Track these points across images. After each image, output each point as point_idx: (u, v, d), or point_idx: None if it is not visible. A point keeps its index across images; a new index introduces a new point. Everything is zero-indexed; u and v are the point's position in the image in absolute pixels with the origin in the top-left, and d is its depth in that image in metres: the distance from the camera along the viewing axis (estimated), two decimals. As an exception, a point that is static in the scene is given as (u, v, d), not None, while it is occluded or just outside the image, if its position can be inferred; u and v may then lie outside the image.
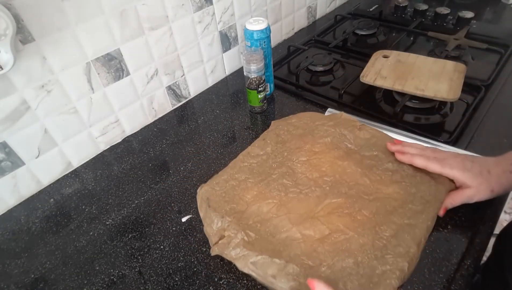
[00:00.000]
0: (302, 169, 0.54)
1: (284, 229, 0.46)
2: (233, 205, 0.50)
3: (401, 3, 1.04)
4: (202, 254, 0.49)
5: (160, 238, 0.52)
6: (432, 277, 0.43)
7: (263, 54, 0.68)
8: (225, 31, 0.80)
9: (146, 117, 0.73)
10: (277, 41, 0.98)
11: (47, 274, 0.49)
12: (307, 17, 1.06)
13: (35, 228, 0.56)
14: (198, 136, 0.69)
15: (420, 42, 0.91)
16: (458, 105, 0.67)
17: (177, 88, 0.76)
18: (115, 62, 0.63)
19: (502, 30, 0.89)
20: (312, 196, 0.50)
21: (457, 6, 1.01)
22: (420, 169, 0.51)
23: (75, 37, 0.55)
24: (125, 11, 0.60)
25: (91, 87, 0.61)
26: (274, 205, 0.50)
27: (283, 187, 0.52)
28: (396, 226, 0.45)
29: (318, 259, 0.42)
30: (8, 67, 0.46)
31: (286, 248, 0.44)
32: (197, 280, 0.46)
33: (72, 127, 0.62)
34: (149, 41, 0.66)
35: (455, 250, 0.45)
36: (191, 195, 0.57)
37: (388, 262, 0.41)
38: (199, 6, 0.71)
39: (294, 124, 0.64)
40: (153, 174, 0.62)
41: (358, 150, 0.56)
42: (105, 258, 0.50)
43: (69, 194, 0.61)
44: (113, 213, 0.56)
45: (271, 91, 0.78)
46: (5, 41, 0.44)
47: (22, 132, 0.56)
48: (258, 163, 0.57)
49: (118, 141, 0.70)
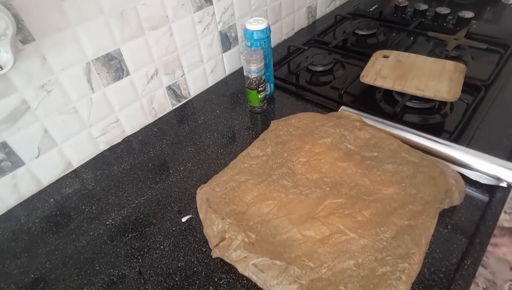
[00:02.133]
0: (302, 170, 0.54)
1: (284, 230, 0.46)
2: (233, 207, 0.50)
3: (401, 3, 1.04)
4: (202, 254, 0.49)
5: (160, 238, 0.52)
6: (432, 277, 0.43)
7: (263, 54, 0.68)
8: (225, 31, 0.80)
9: (146, 117, 0.73)
10: (277, 41, 0.98)
11: (47, 274, 0.49)
12: (307, 17, 1.06)
13: (35, 228, 0.56)
14: (198, 136, 0.69)
15: (420, 42, 0.91)
16: (458, 105, 0.67)
17: (177, 88, 0.76)
18: (115, 62, 0.63)
19: (502, 30, 0.89)
20: (312, 197, 0.50)
21: (457, 6, 1.01)
22: (420, 170, 0.51)
23: (75, 37, 0.55)
24: (125, 11, 0.60)
25: (91, 87, 0.61)
26: (274, 206, 0.50)
27: (283, 188, 0.52)
28: (396, 227, 0.45)
29: (319, 261, 0.42)
30: (8, 67, 0.46)
31: (286, 249, 0.44)
32: (197, 280, 0.46)
33: (72, 127, 0.62)
34: (149, 41, 0.66)
35: (455, 250, 0.46)
36: (191, 195, 0.57)
37: (389, 264, 0.41)
38: (199, 6, 0.71)
39: (294, 124, 0.63)
40: (153, 174, 0.62)
41: (358, 151, 0.56)
42: (105, 258, 0.50)
43: (69, 194, 0.61)
44: (113, 213, 0.56)
45: (271, 91, 0.78)
46: (5, 41, 0.44)
47: (22, 132, 0.56)
48: (258, 164, 0.57)
49: (118, 141, 0.70)
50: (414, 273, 0.41)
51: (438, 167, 0.52)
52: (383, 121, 0.62)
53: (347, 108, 0.66)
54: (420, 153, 0.55)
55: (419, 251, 0.43)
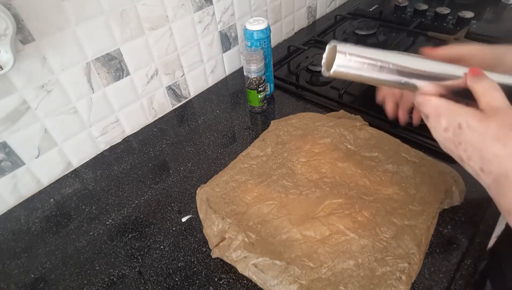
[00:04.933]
0: (302, 170, 0.54)
1: (284, 230, 0.46)
2: (233, 207, 0.50)
3: (401, 3, 1.04)
4: (202, 254, 0.49)
5: (160, 238, 0.52)
6: (432, 277, 0.43)
7: (263, 54, 0.68)
8: (225, 31, 0.80)
9: (146, 117, 0.73)
10: (277, 41, 0.98)
11: (47, 274, 0.49)
12: (307, 17, 1.06)
13: (35, 228, 0.56)
14: (198, 136, 0.69)
15: (420, 42, 0.91)
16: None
17: (177, 88, 0.76)
18: (115, 62, 0.63)
19: (502, 30, 0.89)
20: (312, 197, 0.50)
21: (457, 6, 1.01)
22: (420, 170, 0.51)
23: (75, 37, 0.55)
24: (125, 11, 0.60)
25: (91, 87, 0.61)
26: (274, 206, 0.50)
27: (283, 188, 0.52)
28: (396, 227, 0.45)
29: (319, 261, 0.42)
30: (8, 67, 0.46)
31: (286, 249, 0.44)
32: (197, 280, 0.46)
33: (72, 127, 0.62)
34: (149, 41, 0.66)
35: (455, 250, 0.46)
36: (191, 195, 0.57)
37: (389, 264, 0.41)
38: (199, 6, 0.71)
39: (294, 124, 0.64)
40: (153, 174, 0.62)
41: (358, 151, 0.56)
42: (105, 258, 0.50)
43: (69, 194, 0.61)
44: (113, 213, 0.56)
45: (271, 91, 0.78)
46: (5, 41, 0.44)
47: (22, 132, 0.56)
48: (258, 165, 0.57)
49: (118, 141, 0.70)
50: (414, 273, 0.41)
51: (438, 167, 0.52)
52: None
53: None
54: (420, 153, 0.55)
55: (419, 251, 0.43)
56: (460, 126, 0.31)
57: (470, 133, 0.30)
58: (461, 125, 0.31)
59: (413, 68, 0.35)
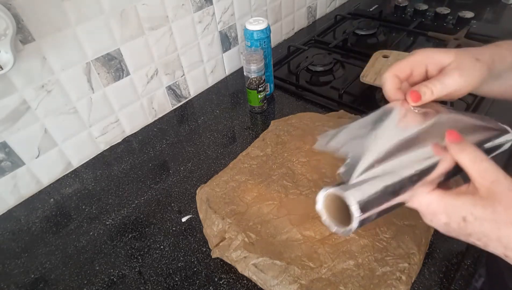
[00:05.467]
0: (302, 170, 0.54)
1: (284, 230, 0.46)
2: (233, 207, 0.50)
3: (401, 3, 1.04)
4: (202, 254, 0.49)
5: (160, 238, 0.52)
6: (432, 277, 0.43)
7: (263, 54, 0.68)
8: (225, 31, 0.80)
9: (146, 117, 0.73)
10: (277, 41, 0.98)
11: (47, 274, 0.49)
12: (307, 17, 1.06)
13: (35, 228, 0.56)
14: (198, 136, 0.69)
15: (420, 42, 0.91)
16: (458, 105, 0.66)
17: (177, 88, 0.76)
18: (115, 62, 0.63)
19: (502, 30, 0.90)
20: (312, 197, 0.50)
21: (457, 6, 1.01)
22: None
23: (75, 37, 0.55)
24: (125, 11, 0.60)
25: (91, 87, 0.61)
26: (274, 206, 0.50)
27: (283, 188, 0.52)
28: (396, 227, 0.45)
29: (319, 261, 0.42)
30: (8, 67, 0.46)
31: (286, 250, 0.44)
32: (197, 280, 0.46)
33: (72, 127, 0.62)
34: (149, 41, 0.66)
35: (455, 250, 0.46)
36: (191, 195, 0.57)
37: (388, 264, 0.41)
38: (199, 6, 0.71)
39: (294, 124, 0.64)
40: (153, 174, 0.62)
41: (358, 151, 0.56)
42: (105, 258, 0.50)
43: (69, 194, 0.61)
44: (113, 213, 0.56)
45: (271, 91, 0.78)
46: (5, 41, 0.44)
47: (22, 132, 0.56)
48: (258, 165, 0.57)
49: (118, 141, 0.70)
50: (414, 273, 0.41)
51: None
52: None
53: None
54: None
55: (419, 251, 0.43)
56: (465, 219, 0.29)
57: (480, 225, 0.28)
58: (465, 218, 0.29)
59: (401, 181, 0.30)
